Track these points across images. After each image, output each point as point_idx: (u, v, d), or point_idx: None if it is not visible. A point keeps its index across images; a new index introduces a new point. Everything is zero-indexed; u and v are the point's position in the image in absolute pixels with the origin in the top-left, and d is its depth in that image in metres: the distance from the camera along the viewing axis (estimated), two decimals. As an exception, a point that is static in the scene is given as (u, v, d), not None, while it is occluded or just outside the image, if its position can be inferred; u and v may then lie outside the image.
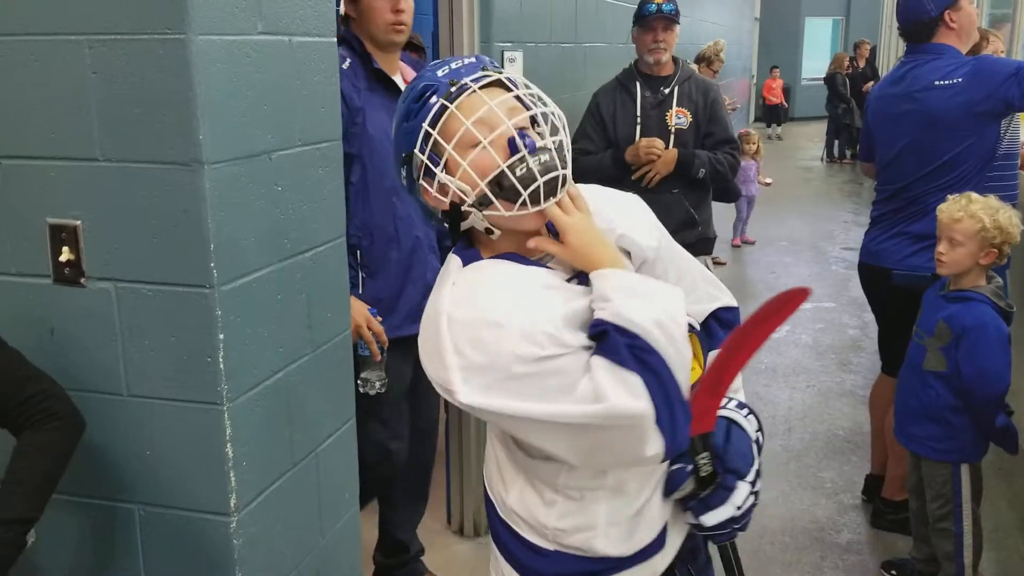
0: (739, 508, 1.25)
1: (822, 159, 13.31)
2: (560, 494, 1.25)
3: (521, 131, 1.16)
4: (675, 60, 3.40)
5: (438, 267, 2.38)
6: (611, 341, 1.09)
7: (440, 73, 1.21)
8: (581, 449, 1.13)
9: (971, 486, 2.53)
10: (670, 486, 1.26)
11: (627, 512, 1.26)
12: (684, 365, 1.13)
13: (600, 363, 1.09)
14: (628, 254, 1.30)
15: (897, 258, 2.95)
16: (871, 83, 12.16)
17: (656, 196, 2.72)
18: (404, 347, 2.32)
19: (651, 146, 3.23)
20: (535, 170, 1.14)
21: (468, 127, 1.14)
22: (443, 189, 1.19)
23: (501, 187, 1.15)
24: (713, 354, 1.31)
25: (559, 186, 1.17)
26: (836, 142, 13.19)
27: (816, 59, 18.54)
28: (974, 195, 2.49)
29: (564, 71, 3.68)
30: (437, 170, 1.18)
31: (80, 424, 1.49)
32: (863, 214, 9.00)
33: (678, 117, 3.31)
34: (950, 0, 2.82)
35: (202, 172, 1.46)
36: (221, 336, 1.53)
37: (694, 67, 5.31)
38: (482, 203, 1.17)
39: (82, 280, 1.56)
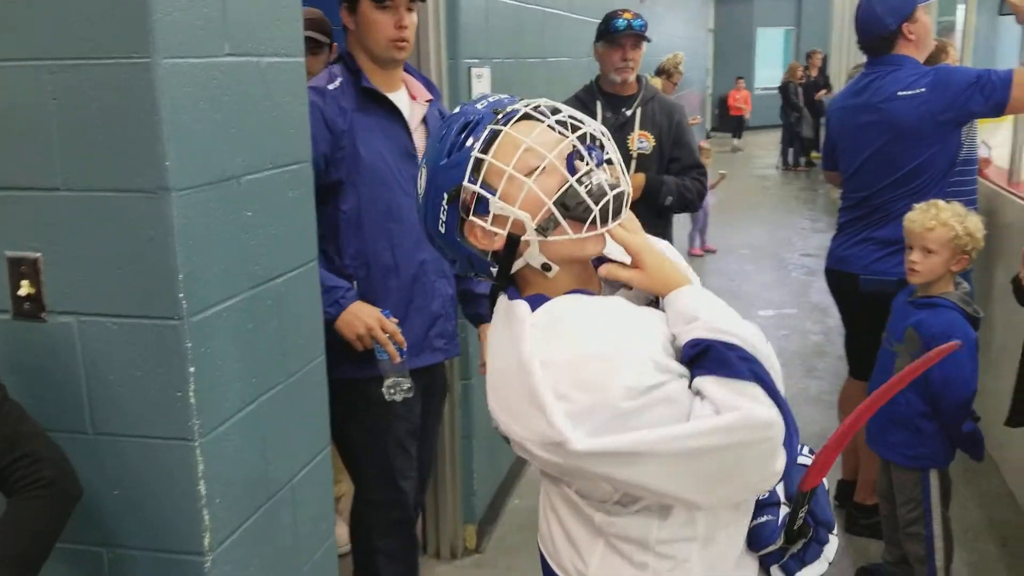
0: (830, 563, 1.21)
1: (777, 167, 13.50)
2: (651, 552, 1.15)
3: (588, 145, 1.11)
4: (638, 78, 3.26)
5: (448, 293, 2.31)
6: (717, 355, 1.04)
7: (479, 106, 1.15)
8: (709, 478, 1.05)
9: (940, 490, 2.56)
10: (760, 540, 1.19)
11: (721, 569, 1.17)
12: (780, 377, 1.08)
13: (709, 381, 1.03)
14: None
15: (864, 263, 2.99)
16: (824, 92, 12.39)
17: None
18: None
19: None
20: (604, 183, 1.09)
21: (529, 144, 1.08)
22: (498, 221, 1.11)
23: (568, 207, 1.08)
24: None
25: (624, 204, 1.12)
26: (791, 150, 13.40)
27: (769, 68, 18.84)
28: (940, 203, 2.52)
29: (531, 87, 3.66)
30: (494, 197, 1.09)
31: (72, 492, 1.38)
32: (820, 220, 9.15)
33: (640, 141, 3.17)
34: (907, 13, 2.87)
35: (169, 199, 1.41)
36: (192, 369, 1.47)
37: (657, 83, 5.33)
38: (546, 228, 1.10)
39: (43, 315, 1.50)
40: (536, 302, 1.12)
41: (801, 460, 1.21)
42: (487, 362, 1.18)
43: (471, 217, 1.12)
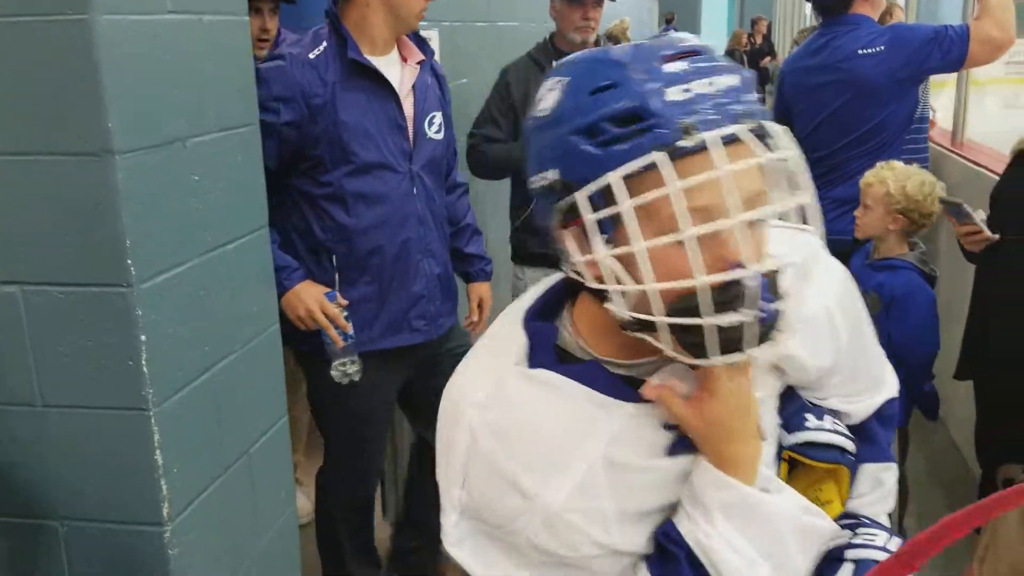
0: None
1: (725, 135, 13.62)
2: None
3: (763, 277, 0.76)
4: (596, 40, 3.14)
5: (434, 273, 2.23)
6: (675, 571, 0.83)
7: (672, 95, 0.75)
8: None
9: (899, 447, 2.62)
10: None
11: None
12: None
13: None
14: (780, 370, 0.93)
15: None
16: (768, 58, 12.49)
17: None
18: (382, 360, 2.16)
19: None
20: (746, 336, 0.76)
21: (686, 236, 0.74)
22: (595, 264, 0.80)
23: (685, 328, 0.76)
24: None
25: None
26: (738, 117, 13.51)
27: (713, 36, 18.93)
28: (895, 163, 2.54)
29: (481, 51, 3.61)
30: (605, 251, 0.78)
31: None
32: (768, 187, 9.25)
33: None
34: None
35: (113, 162, 1.36)
36: (143, 337, 1.43)
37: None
38: (643, 324, 0.78)
39: (-16, 285, 1.45)
40: (542, 351, 0.87)
41: (875, 556, 0.92)
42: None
43: (567, 230, 0.81)
